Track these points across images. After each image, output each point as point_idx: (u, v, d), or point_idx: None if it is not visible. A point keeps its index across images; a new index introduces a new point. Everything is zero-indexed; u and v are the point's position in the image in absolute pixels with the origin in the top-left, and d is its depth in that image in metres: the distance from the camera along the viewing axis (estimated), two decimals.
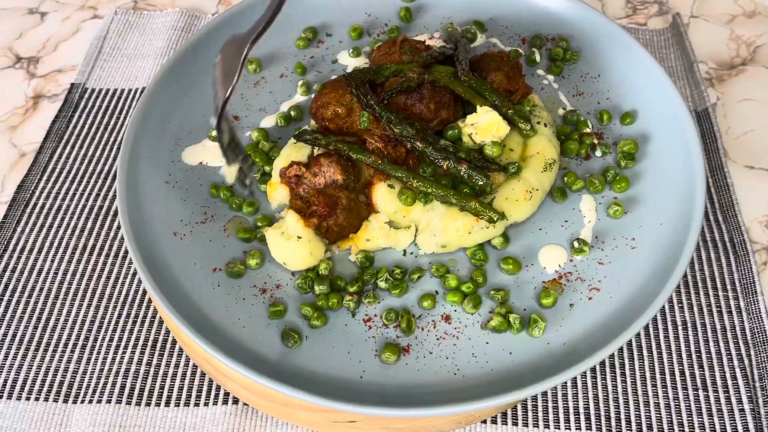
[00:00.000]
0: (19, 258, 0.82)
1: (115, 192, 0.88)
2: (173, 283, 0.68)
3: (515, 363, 0.64)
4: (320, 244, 0.70)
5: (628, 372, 0.72)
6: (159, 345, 0.75)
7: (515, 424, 0.69)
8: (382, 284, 0.69)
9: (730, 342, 0.74)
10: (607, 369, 0.72)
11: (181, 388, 0.71)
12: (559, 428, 0.68)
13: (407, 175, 0.71)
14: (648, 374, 0.71)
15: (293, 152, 0.76)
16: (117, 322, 0.76)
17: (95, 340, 0.75)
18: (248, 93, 0.87)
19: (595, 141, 0.81)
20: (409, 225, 0.73)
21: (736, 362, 0.72)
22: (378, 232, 0.71)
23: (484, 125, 0.74)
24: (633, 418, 0.69)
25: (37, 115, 0.99)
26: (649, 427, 0.68)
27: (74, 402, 0.71)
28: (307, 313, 0.67)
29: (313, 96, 0.84)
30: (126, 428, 0.69)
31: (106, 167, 0.91)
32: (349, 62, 0.90)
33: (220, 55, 0.70)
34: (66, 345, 0.75)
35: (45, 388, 0.72)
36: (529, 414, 0.69)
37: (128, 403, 0.70)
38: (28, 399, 0.71)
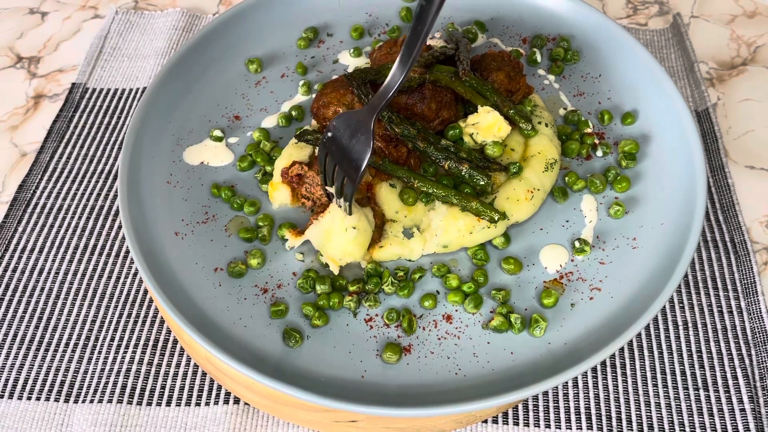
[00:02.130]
0: (20, 258, 0.82)
1: (116, 192, 0.88)
2: (174, 282, 0.68)
3: (516, 363, 0.64)
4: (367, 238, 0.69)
5: (629, 372, 0.72)
6: (160, 345, 0.75)
7: (516, 423, 0.69)
8: (387, 289, 0.69)
9: (731, 342, 0.74)
10: (608, 369, 0.72)
11: (182, 388, 0.71)
12: (560, 428, 0.68)
13: (408, 175, 0.71)
14: (649, 374, 0.71)
15: (294, 152, 0.76)
16: (118, 322, 0.76)
17: (96, 339, 0.75)
18: (249, 93, 0.87)
19: (596, 141, 0.81)
20: (412, 226, 0.73)
21: (736, 362, 0.72)
22: (392, 240, 0.71)
23: (485, 125, 0.74)
24: (634, 418, 0.69)
25: (38, 114, 1.00)
26: (650, 426, 0.68)
27: (75, 402, 0.71)
28: (308, 312, 0.67)
29: (314, 96, 0.84)
30: (127, 428, 0.69)
31: (107, 167, 0.91)
32: (350, 62, 0.90)
33: (331, 132, 0.68)
34: (67, 344, 0.75)
35: (46, 388, 0.72)
36: (530, 414, 0.69)
37: (129, 402, 0.70)
38: (29, 399, 0.71)
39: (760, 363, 0.72)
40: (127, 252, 0.82)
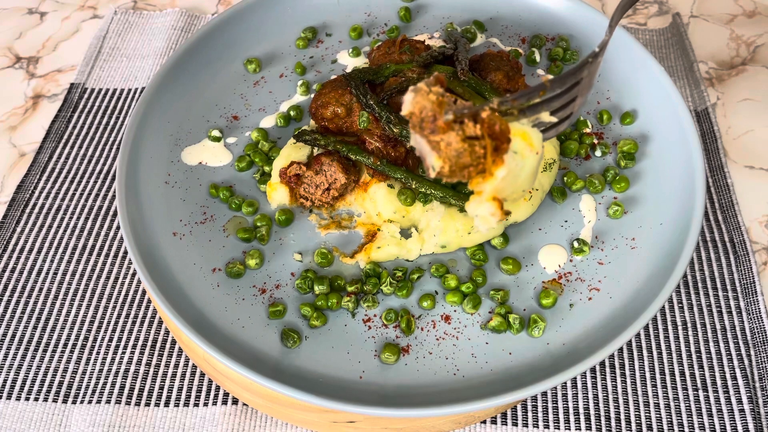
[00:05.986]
0: (18, 258, 0.82)
1: (114, 192, 0.88)
2: (173, 283, 0.68)
3: (515, 363, 0.64)
4: None
5: (628, 372, 0.72)
6: (158, 345, 0.74)
7: (515, 424, 0.69)
8: (386, 289, 0.69)
9: (730, 342, 0.74)
10: (607, 369, 0.72)
11: (180, 389, 0.71)
12: (558, 428, 0.68)
13: (406, 175, 0.71)
14: (648, 374, 0.71)
15: (293, 152, 0.76)
16: (116, 323, 0.76)
17: (95, 340, 0.75)
18: (248, 93, 0.87)
19: (595, 141, 0.81)
20: (410, 227, 0.72)
21: (736, 362, 0.72)
22: (389, 240, 0.71)
23: None
24: (633, 419, 0.69)
25: (36, 115, 0.99)
26: (649, 427, 0.68)
27: (74, 402, 0.71)
28: (306, 313, 0.67)
29: (312, 96, 0.84)
30: (125, 428, 0.69)
31: (106, 167, 0.91)
32: (349, 62, 0.90)
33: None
34: (65, 345, 0.75)
35: (44, 389, 0.72)
36: (529, 414, 0.69)
37: (128, 403, 0.70)
38: (27, 399, 0.71)
39: (759, 364, 0.72)
40: (126, 252, 0.82)
